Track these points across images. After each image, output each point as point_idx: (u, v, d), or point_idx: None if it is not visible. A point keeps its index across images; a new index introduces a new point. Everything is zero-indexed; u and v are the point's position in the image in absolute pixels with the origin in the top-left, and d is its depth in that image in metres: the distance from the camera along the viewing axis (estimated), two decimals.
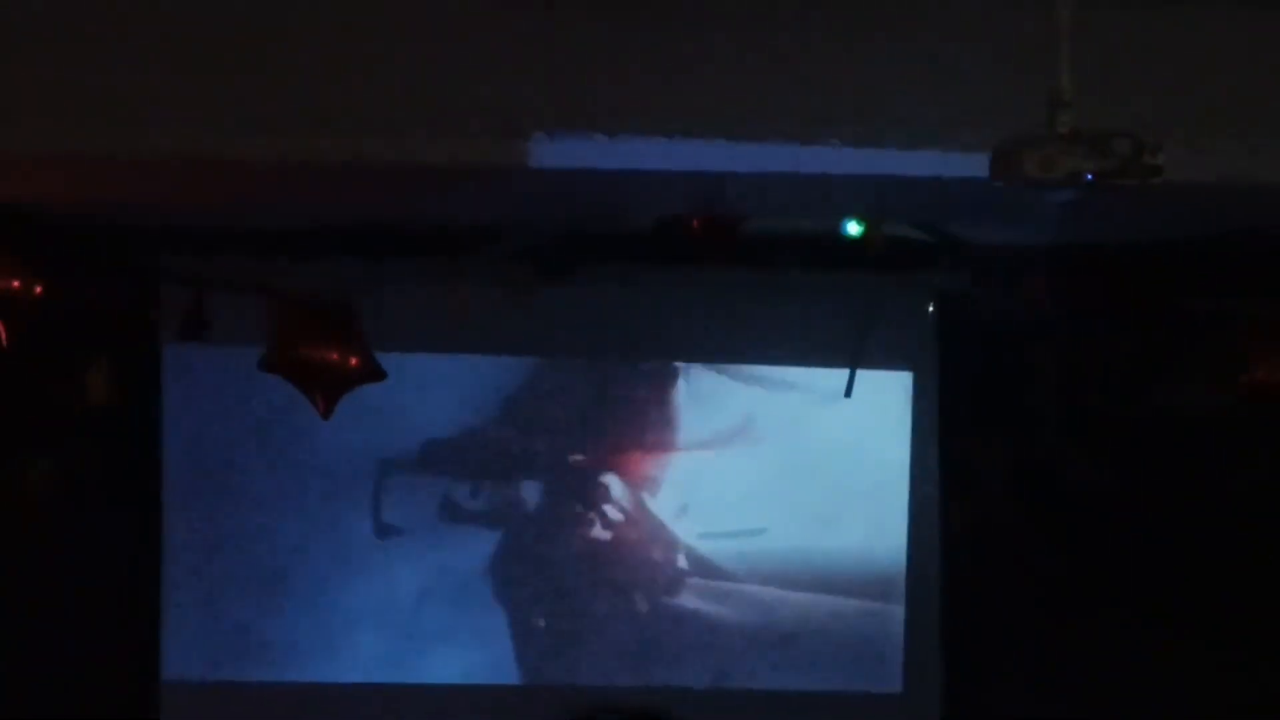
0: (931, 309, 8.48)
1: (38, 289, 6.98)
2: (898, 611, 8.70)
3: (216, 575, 8.46)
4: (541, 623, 8.69)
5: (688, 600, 8.75)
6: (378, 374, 7.37)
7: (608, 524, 8.72)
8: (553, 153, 5.66)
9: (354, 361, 7.28)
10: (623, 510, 8.72)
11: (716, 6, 5.54)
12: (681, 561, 8.74)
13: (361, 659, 8.57)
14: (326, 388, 7.24)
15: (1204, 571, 8.29)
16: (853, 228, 7.42)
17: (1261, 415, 7.96)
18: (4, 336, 6.96)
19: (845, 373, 8.49)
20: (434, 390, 8.54)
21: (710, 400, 8.71)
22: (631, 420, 8.69)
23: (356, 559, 8.53)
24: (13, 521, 8.07)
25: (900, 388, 8.66)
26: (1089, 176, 4.33)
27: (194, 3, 5.55)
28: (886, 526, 8.71)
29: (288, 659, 8.48)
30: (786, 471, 8.72)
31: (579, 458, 8.71)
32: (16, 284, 6.97)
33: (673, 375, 8.68)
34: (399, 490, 8.58)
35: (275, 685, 8.45)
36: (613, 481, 8.71)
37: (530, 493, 8.70)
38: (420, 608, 8.61)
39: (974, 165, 4.56)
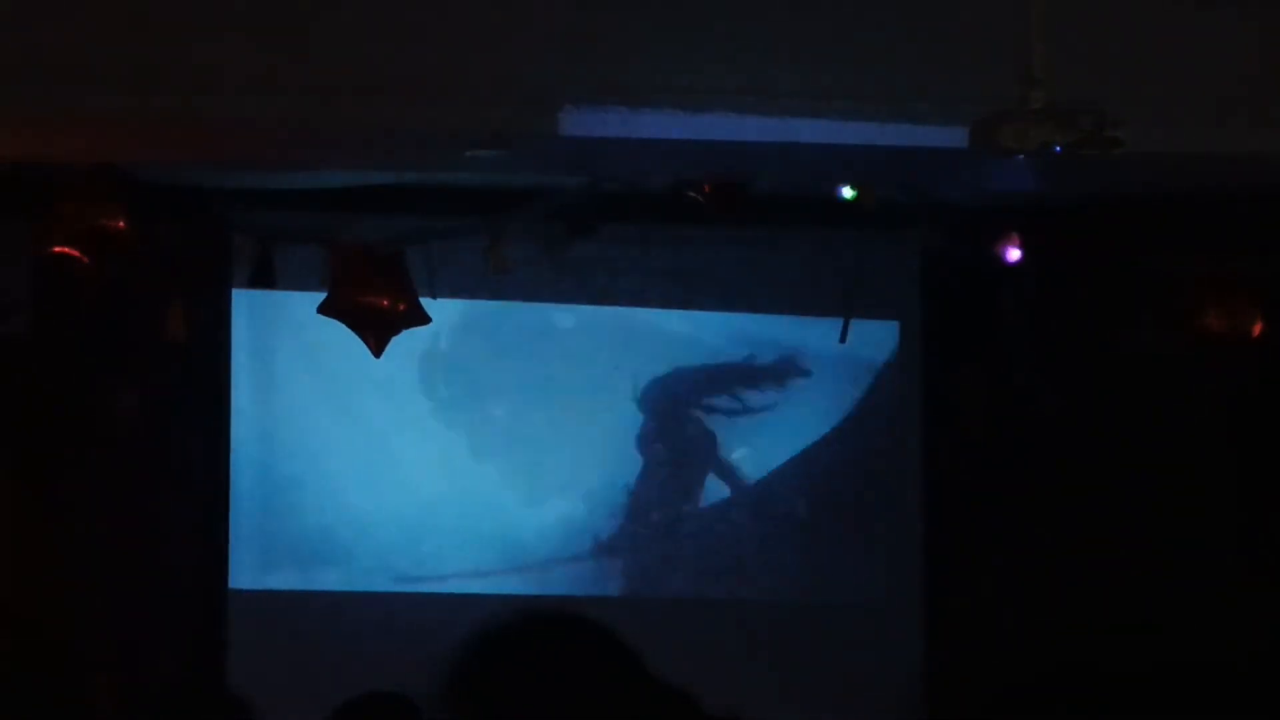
0: (916, 263, 8.46)
1: (120, 224, 6.94)
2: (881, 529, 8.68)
3: (280, 493, 8.44)
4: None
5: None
6: (423, 318, 7.39)
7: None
8: (581, 123, 5.67)
9: (402, 307, 7.31)
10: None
11: None
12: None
13: (420, 570, 8.47)
14: (378, 330, 7.27)
15: (1153, 485, 8.32)
16: (846, 191, 7.40)
17: (1205, 357, 7.97)
18: (92, 267, 6.95)
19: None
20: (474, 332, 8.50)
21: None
22: None
23: (409, 481, 8.48)
24: (102, 442, 8.09)
25: (888, 332, 8.64)
26: (1057, 148, 4.33)
27: None
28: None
29: (348, 570, 8.44)
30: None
31: None
32: (97, 227, 6.96)
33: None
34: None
35: (337, 593, 8.41)
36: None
37: None
38: (480, 531, 8.52)
39: (955, 136, 4.56)
